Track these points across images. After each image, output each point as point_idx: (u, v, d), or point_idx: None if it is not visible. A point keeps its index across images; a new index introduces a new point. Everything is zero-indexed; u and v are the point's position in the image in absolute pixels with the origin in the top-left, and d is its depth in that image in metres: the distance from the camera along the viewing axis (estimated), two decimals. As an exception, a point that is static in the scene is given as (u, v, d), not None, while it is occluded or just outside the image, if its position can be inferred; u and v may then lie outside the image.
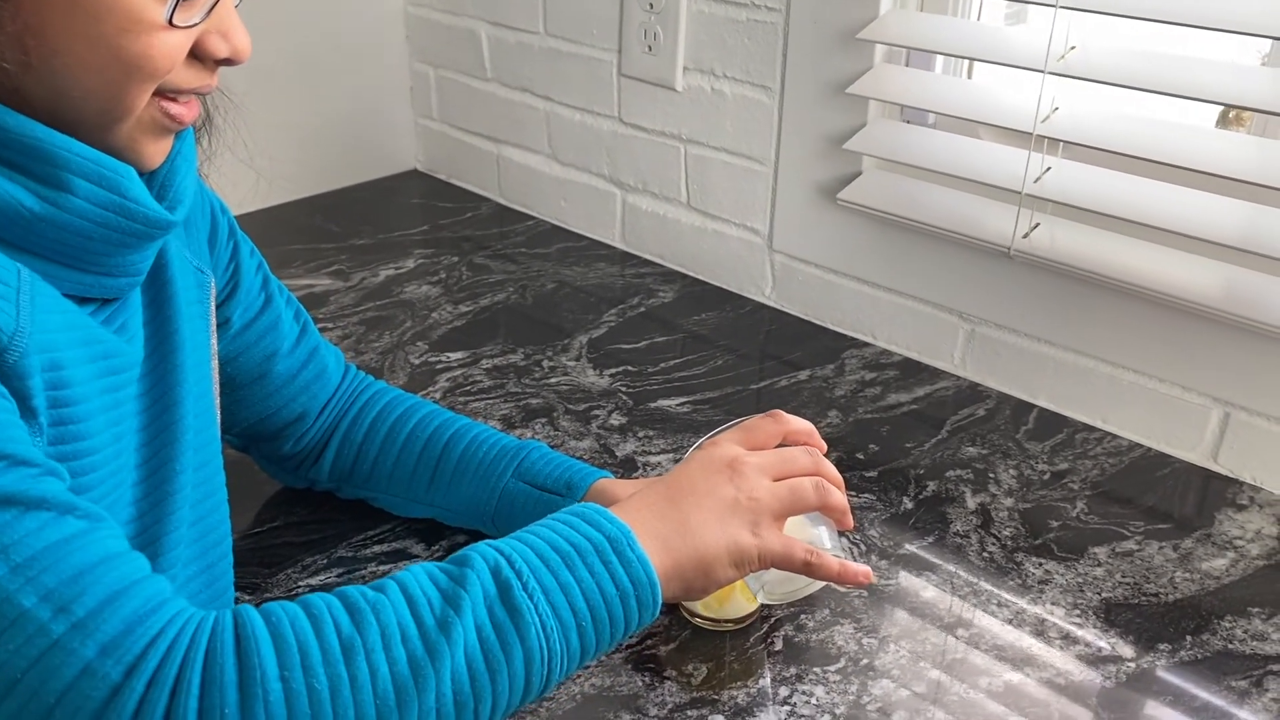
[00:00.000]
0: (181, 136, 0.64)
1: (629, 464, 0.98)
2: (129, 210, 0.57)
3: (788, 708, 0.73)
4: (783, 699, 0.74)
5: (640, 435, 1.03)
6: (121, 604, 0.49)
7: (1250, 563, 0.88)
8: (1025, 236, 1.05)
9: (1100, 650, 0.79)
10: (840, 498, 0.70)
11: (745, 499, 0.66)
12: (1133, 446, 1.04)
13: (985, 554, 0.88)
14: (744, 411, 0.74)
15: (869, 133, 1.13)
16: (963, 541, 0.90)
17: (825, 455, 0.73)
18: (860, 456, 1.01)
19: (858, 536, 0.90)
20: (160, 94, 0.58)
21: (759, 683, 0.75)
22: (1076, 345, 1.07)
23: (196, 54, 0.58)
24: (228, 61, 0.59)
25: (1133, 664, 0.78)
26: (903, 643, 0.79)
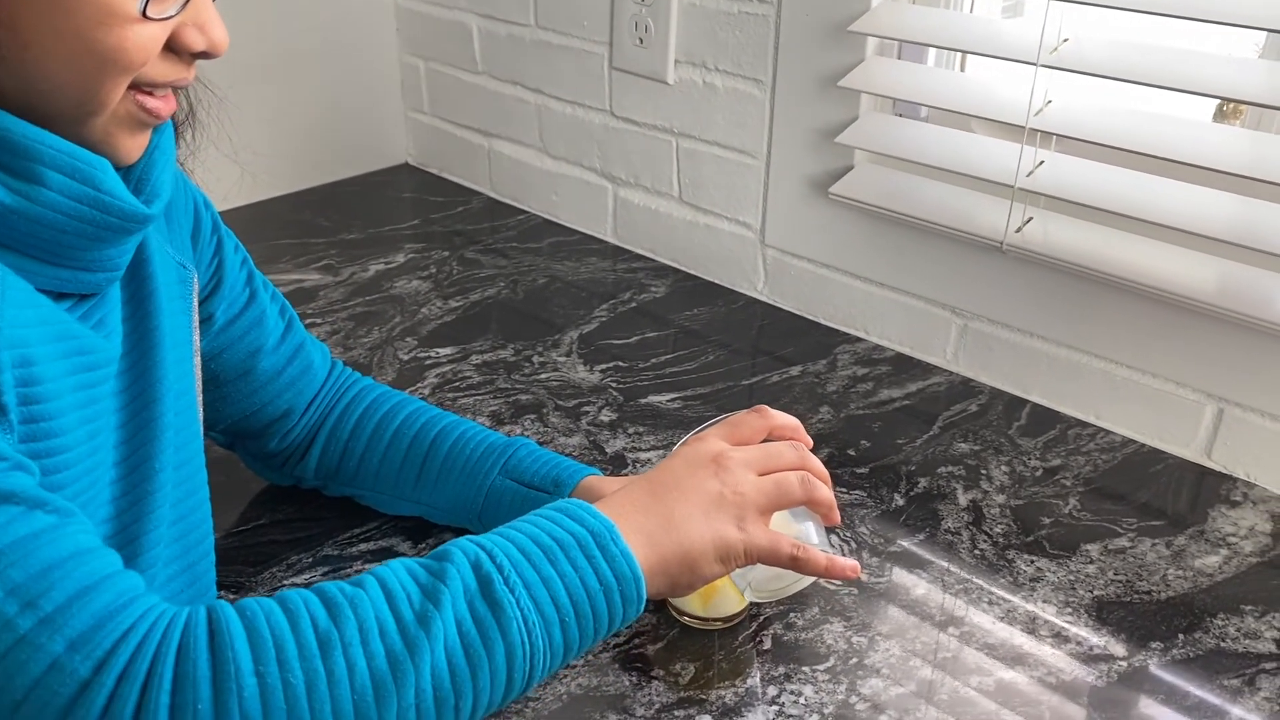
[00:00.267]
0: (159, 130, 0.63)
1: (619, 461, 0.98)
2: (104, 203, 0.56)
3: (776, 707, 0.72)
4: (771, 698, 0.73)
5: (630, 431, 1.02)
6: (91, 599, 0.48)
7: (1243, 560, 0.88)
8: (1018, 231, 1.04)
9: (1092, 648, 0.78)
10: (826, 492, 0.70)
11: (730, 493, 0.65)
12: (1126, 442, 1.03)
13: (977, 551, 0.88)
14: (735, 408, 0.73)
15: (861, 126, 1.12)
16: (954, 538, 0.89)
17: (813, 451, 0.73)
18: (851, 453, 1.00)
19: (848, 534, 0.89)
20: (136, 88, 0.57)
21: (747, 682, 0.74)
22: (1070, 340, 1.06)
23: (172, 47, 0.57)
24: (204, 55, 0.58)
25: (1124, 662, 0.77)
26: (893, 641, 0.78)
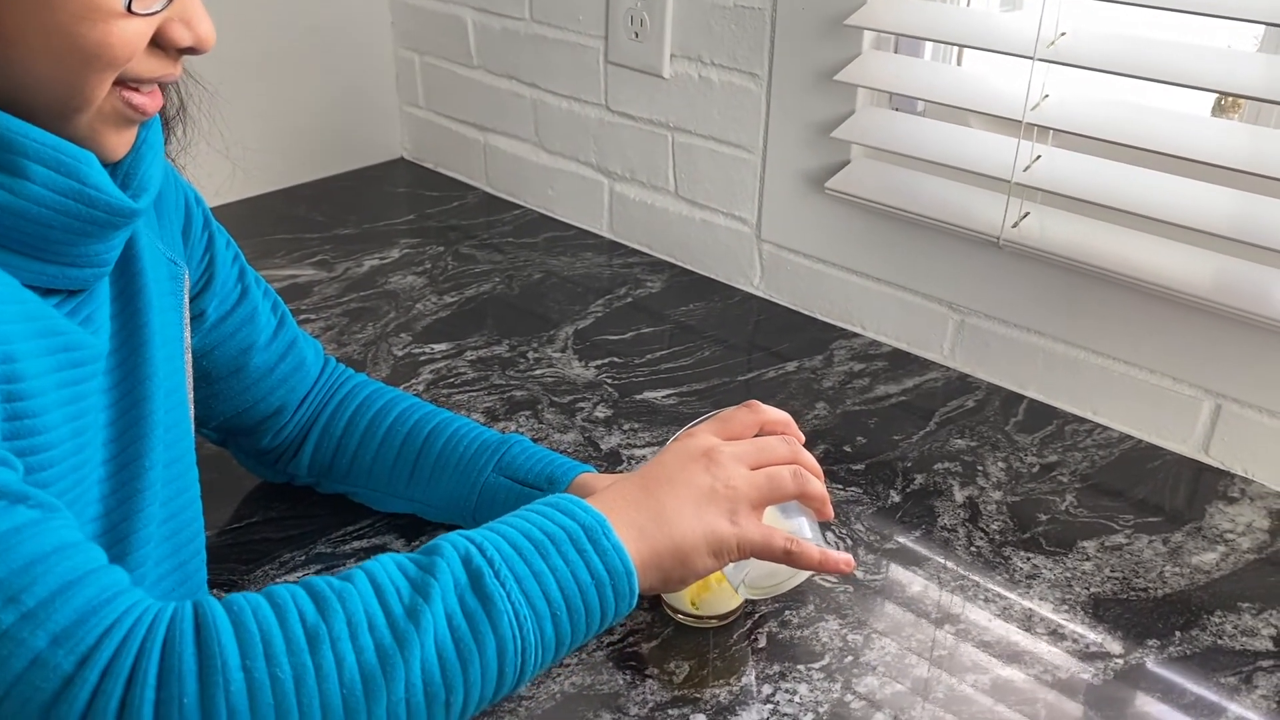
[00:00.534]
0: (147, 125, 0.62)
1: (614, 457, 0.97)
2: (90, 198, 0.55)
3: (771, 706, 0.72)
4: (766, 697, 0.72)
5: (626, 428, 1.02)
6: (74, 594, 0.48)
7: (1241, 556, 0.87)
8: (1015, 226, 1.03)
9: (1088, 646, 0.78)
10: (819, 486, 0.69)
11: (722, 487, 0.65)
12: (1123, 438, 1.03)
13: (973, 548, 0.87)
14: (731, 404, 0.73)
15: (857, 121, 1.11)
16: (950, 535, 0.89)
17: (807, 446, 0.72)
18: (847, 449, 0.99)
19: (844, 530, 0.89)
20: (122, 84, 0.56)
21: (742, 680, 0.74)
22: (1067, 336, 1.06)
23: (159, 42, 0.56)
24: (191, 50, 0.58)
25: (1121, 660, 0.77)
26: (888, 639, 0.78)
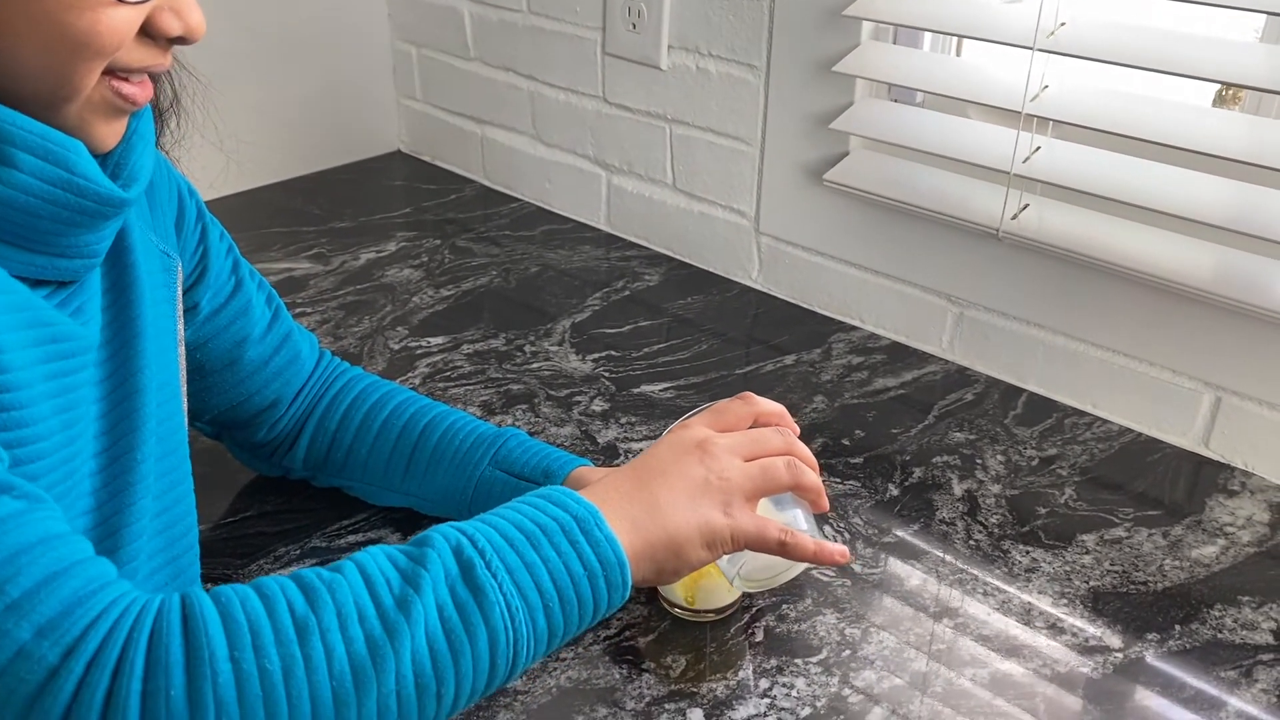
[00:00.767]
0: (138, 115, 0.62)
1: (611, 451, 0.97)
2: (78, 187, 0.55)
3: (768, 700, 0.71)
4: (763, 691, 0.72)
5: (623, 421, 1.01)
6: (59, 585, 0.47)
7: (1241, 550, 0.87)
8: (1014, 218, 1.03)
9: (1088, 640, 0.77)
10: (814, 478, 0.69)
11: (716, 479, 0.64)
12: (1123, 431, 1.02)
13: (971, 542, 0.87)
14: (728, 397, 0.72)
15: (856, 112, 1.11)
16: (949, 529, 0.88)
17: (804, 440, 0.72)
18: (846, 442, 0.99)
19: (841, 524, 0.88)
20: (112, 74, 0.55)
21: (739, 675, 0.73)
22: (1066, 328, 1.05)
23: (148, 31, 0.56)
24: (181, 40, 0.57)
25: (1120, 654, 0.76)
26: (886, 633, 0.77)
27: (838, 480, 0.93)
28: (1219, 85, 1.01)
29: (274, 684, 0.48)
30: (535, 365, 1.10)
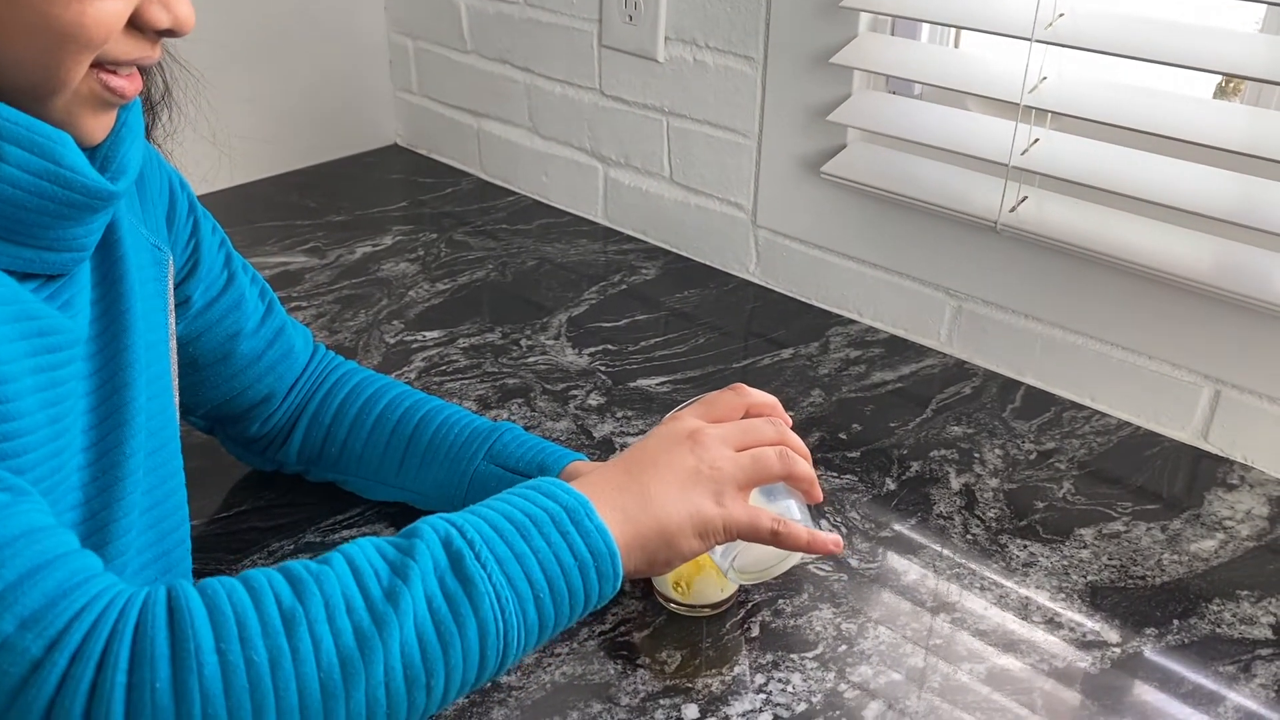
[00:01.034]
0: (127, 108, 0.61)
1: (607, 445, 0.96)
2: (65, 179, 0.54)
3: (763, 695, 0.71)
4: (759, 686, 0.72)
5: (619, 416, 1.01)
6: (43, 578, 0.47)
7: (1240, 544, 0.86)
8: (1012, 210, 1.02)
9: (1085, 634, 0.77)
10: (806, 468, 0.68)
11: (707, 468, 0.64)
12: (1121, 425, 1.02)
13: (969, 536, 0.86)
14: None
15: (853, 104, 1.10)
16: (946, 523, 0.88)
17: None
18: (843, 436, 0.98)
19: (838, 518, 0.88)
20: (100, 66, 0.55)
21: (734, 670, 0.73)
22: (1065, 322, 1.05)
23: (136, 24, 0.55)
24: (170, 33, 0.56)
25: (1118, 648, 0.76)
26: (883, 627, 0.77)
27: (834, 474, 0.93)
28: (1220, 77, 1.01)
29: (260, 676, 0.48)
30: (531, 359, 1.10)
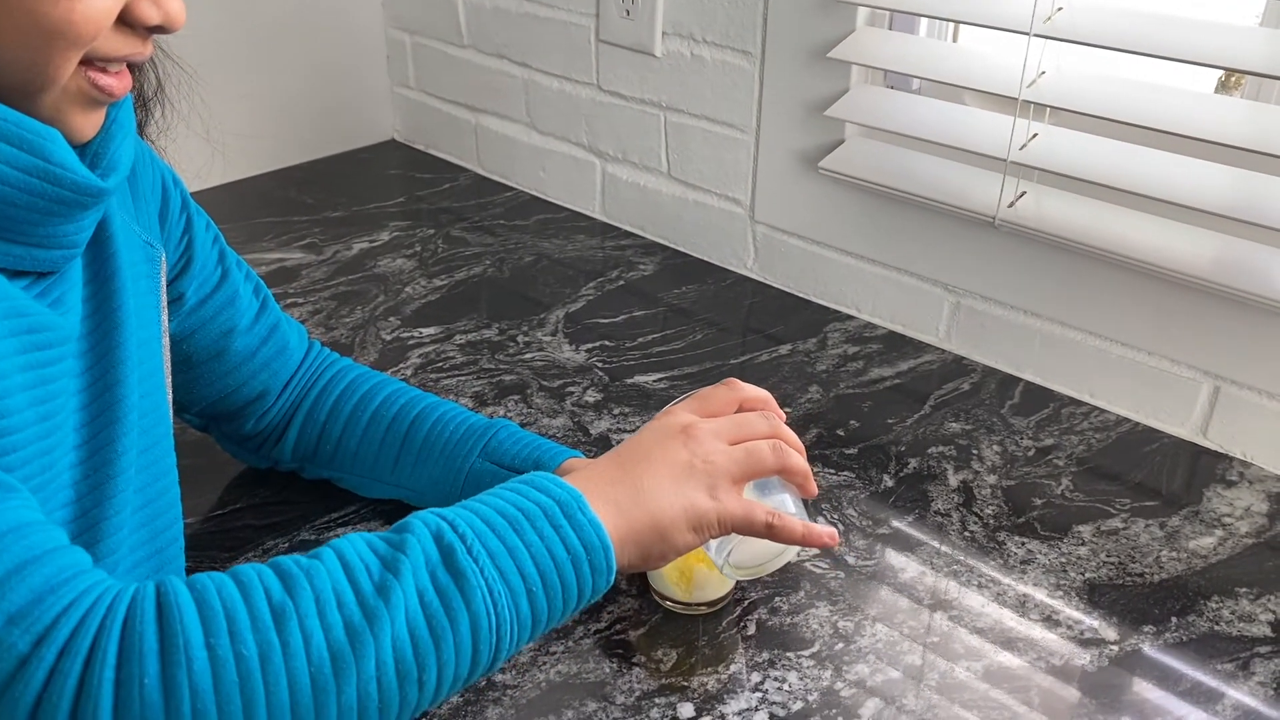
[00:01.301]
0: (117, 105, 0.61)
1: (603, 443, 0.96)
2: (55, 175, 0.54)
3: (759, 694, 0.71)
4: (754, 685, 0.71)
5: (616, 412, 1.00)
6: (30, 573, 0.46)
7: (1239, 541, 0.86)
8: (1011, 206, 1.02)
9: (1083, 632, 0.76)
10: (800, 461, 0.68)
11: (700, 462, 0.64)
12: (1120, 421, 1.01)
13: (967, 533, 0.86)
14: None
15: (851, 99, 1.10)
16: (944, 520, 0.87)
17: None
18: (840, 433, 0.98)
19: (835, 515, 0.88)
20: (89, 64, 0.54)
21: (730, 669, 0.73)
22: (1064, 317, 1.04)
23: (126, 20, 0.55)
24: (160, 29, 0.56)
25: (1116, 646, 0.75)
26: (879, 625, 0.77)
27: (832, 471, 0.93)
28: (1221, 71, 1.00)
29: (250, 670, 0.48)
30: (528, 356, 1.09)
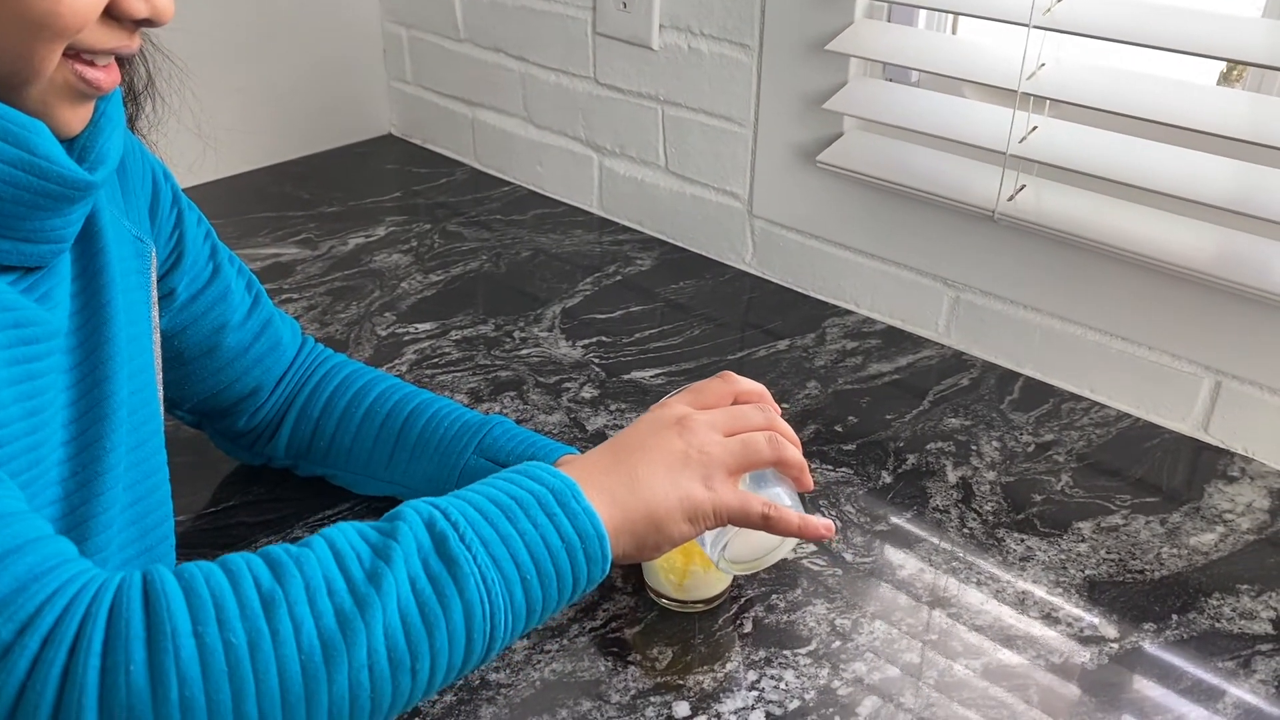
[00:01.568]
0: (106, 98, 0.60)
1: (600, 439, 0.95)
2: (40, 169, 0.53)
3: (756, 693, 0.70)
4: (751, 683, 0.71)
5: (612, 409, 1.00)
6: (12, 562, 0.46)
7: (1240, 537, 0.85)
8: (1010, 199, 1.01)
9: (1083, 630, 0.76)
10: (796, 453, 0.67)
11: (696, 453, 0.63)
12: (1121, 416, 1.01)
13: (965, 530, 0.85)
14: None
15: (850, 92, 1.09)
16: (942, 517, 0.87)
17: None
18: (839, 429, 0.97)
19: (833, 512, 0.87)
20: (76, 57, 0.54)
21: (726, 667, 0.72)
22: (1063, 312, 1.04)
23: (113, 13, 0.54)
24: (148, 22, 0.55)
25: (1116, 644, 0.75)
26: (877, 623, 0.76)
27: (830, 467, 0.92)
28: (1223, 63, 0.99)
29: (239, 658, 0.47)
30: (524, 351, 1.09)
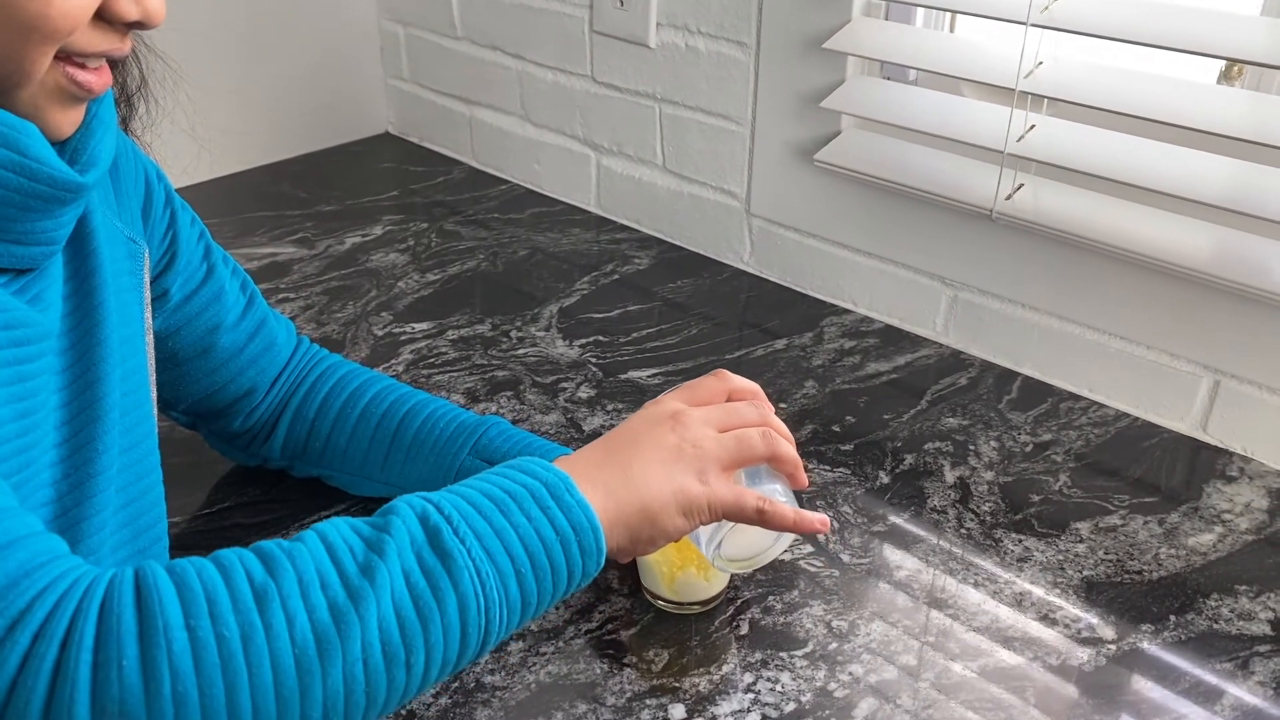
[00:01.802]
0: (98, 100, 0.60)
1: (596, 439, 0.95)
2: (31, 170, 0.53)
3: (751, 695, 0.70)
4: (747, 686, 0.70)
5: (609, 408, 0.99)
6: (4, 558, 0.46)
7: (1238, 538, 0.85)
8: (1008, 198, 1.01)
9: (1081, 630, 0.75)
10: (790, 450, 0.67)
11: (690, 448, 0.63)
12: (1119, 416, 1.00)
13: (963, 530, 0.85)
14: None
15: (847, 90, 1.08)
16: (940, 517, 0.86)
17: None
18: (836, 428, 0.97)
19: (831, 512, 0.87)
20: (67, 59, 0.54)
21: (723, 669, 0.72)
22: (1062, 311, 1.03)
23: (105, 16, 0.54)
24: (139, 25, 0.55)
25: (1114, 645, 0.74)
26: (874, 625, 0.76)
27: (827, 468, 0.92)
28: (1223, 62, 0.99)
29: (232, 652, 0.47)
30: (521, 351, 1.08)
